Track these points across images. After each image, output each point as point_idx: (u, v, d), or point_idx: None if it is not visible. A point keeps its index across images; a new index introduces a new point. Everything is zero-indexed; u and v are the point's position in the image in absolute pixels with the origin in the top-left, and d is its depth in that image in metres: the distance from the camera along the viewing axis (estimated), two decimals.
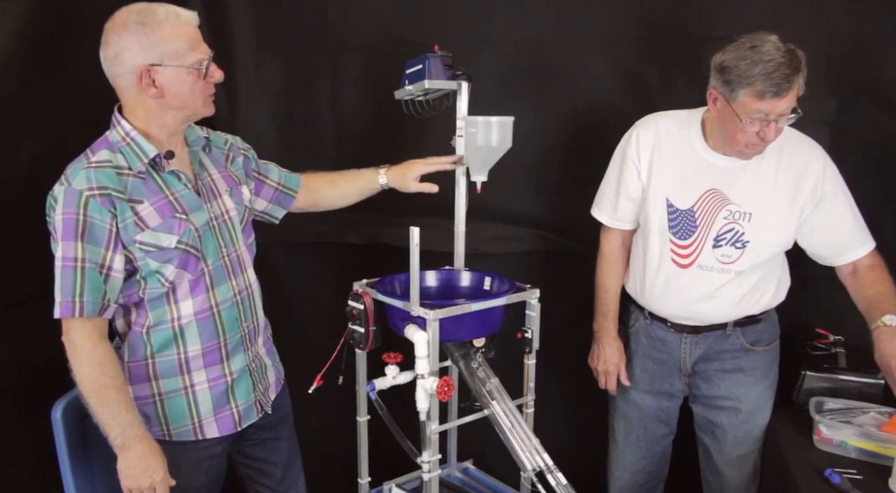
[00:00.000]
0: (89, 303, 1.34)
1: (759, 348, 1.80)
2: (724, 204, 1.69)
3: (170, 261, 1.42)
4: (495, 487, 2.04)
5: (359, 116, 2.29)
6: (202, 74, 1.41)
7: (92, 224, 1.34)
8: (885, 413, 1.72)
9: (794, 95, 1.52)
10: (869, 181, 1.95)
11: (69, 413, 1.48)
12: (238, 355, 1.56)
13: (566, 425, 2.31)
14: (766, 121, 1.53)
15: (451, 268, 1.92)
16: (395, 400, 1.78)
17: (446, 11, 2.15)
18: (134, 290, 1.42)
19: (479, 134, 1.71)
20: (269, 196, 1.77)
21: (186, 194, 1.48)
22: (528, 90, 2.15)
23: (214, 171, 1.59)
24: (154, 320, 1.45)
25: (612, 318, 1.92)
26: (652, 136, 1.75)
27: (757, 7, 1.95)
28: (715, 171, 1.70)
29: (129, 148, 1.41)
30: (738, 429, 1.82)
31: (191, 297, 1.47)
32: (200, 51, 1.41)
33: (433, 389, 1.56)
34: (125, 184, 1.38)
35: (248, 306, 1.59)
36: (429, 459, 1.61)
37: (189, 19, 1.41)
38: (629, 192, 1.81)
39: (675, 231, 1.75)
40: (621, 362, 1.91)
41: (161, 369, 1.47)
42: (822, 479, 1.56)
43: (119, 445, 1.37)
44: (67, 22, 1.71)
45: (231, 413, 1.56)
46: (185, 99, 1.42)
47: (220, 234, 1.53)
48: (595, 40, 2.09)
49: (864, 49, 1.91)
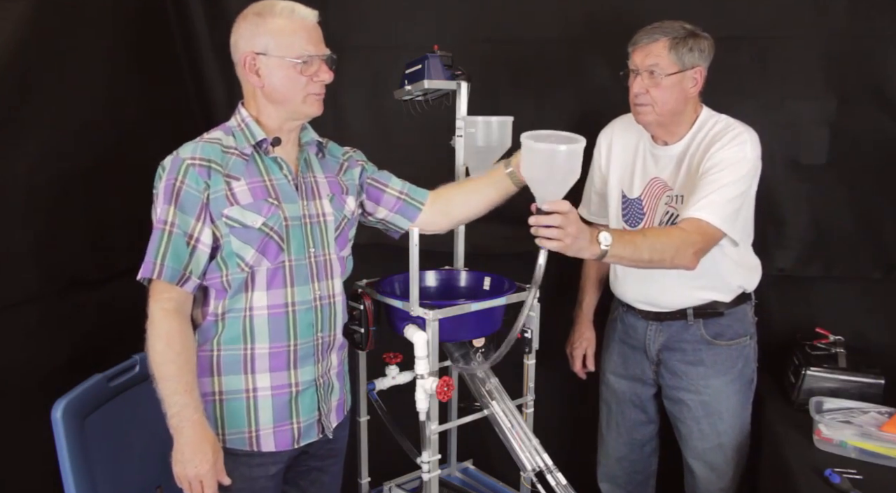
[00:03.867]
0: (169, 268, 1.34)
1: (720, 341, 1.82)
2: (664, 190, 1.79)
3: (251, 242, 1.41)
4: (495, 487, 2.04)
5: (359, 116, 2.29)
6: (303, 70, 1.41)
7: (187, 192, 1.36)
8: (885, 413, 1.72)
9: (654, 53, 1.67)
10: (869, 181, 1.95)
11: (69, 413, 1.48)
12: (307, 366, 1.49)
13: (566, 425, 2.32)
14: (633, 73, 1.71)
15: (451, 268, 1.92)
16: (395, 400, 1.78)
17: (446, 11, 2.16)
18: (217, 274, 1.41)
19: (478, 134, 1.71)
20: (390, 205, 1.68)
21: (283, 184, 1.47)
22: (528, 90, 2.15)
23: (321, 174, 1.56)
24: (229, 305, 1.43)
25: (584, 306, 2.06)
26: (609, 135, 1.92)
27: (757, 7, 1.95)
28: (657, 161, 1.81)
29: (241, 132, 1.45)
30: (700, 421, 1.84)
31: (267, 288, 1.43)
32: (309, 47, 1.41)
33: (433, 389, 1.56)
34: (227, 160, 1.41)
35: (327, 315, 1.52)
36: (429, 459, 1.61)
37: (305, 15, 1.42)
38: (596, 187, 1.97)
39: (626, 219, 1.86)
40: (588, 347, 2.05)
41: (225, 362, 1.44)
42: (822, 479, 1.56)
43: (174, 426, 1.33)
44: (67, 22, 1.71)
45: (291, 428, 1.49)
46: (284, 92, 1.43)
47: (310, 232, 1.50)
48: (595, 40, 2.09)
49: (864, 49, 1.92)
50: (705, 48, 1.68)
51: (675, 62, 1.66)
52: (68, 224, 1.69)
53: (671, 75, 1.67)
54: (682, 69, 1.67)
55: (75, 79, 1.74)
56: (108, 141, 1.82)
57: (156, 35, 2.09)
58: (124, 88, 1.92)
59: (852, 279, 2.03)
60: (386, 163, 1.85)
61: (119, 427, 1.63)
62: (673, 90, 1.68)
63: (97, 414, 1.55)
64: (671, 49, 1.66)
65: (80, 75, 1.76)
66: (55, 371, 1.63)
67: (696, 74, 1.69)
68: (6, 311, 1.57)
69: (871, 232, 1.98)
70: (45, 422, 1.47)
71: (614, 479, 2.06)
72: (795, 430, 1.77)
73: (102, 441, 1.48)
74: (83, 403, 1.51)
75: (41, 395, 1.50)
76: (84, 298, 1.74)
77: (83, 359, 1.67)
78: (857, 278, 2.03)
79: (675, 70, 1.67)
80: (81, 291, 1.73)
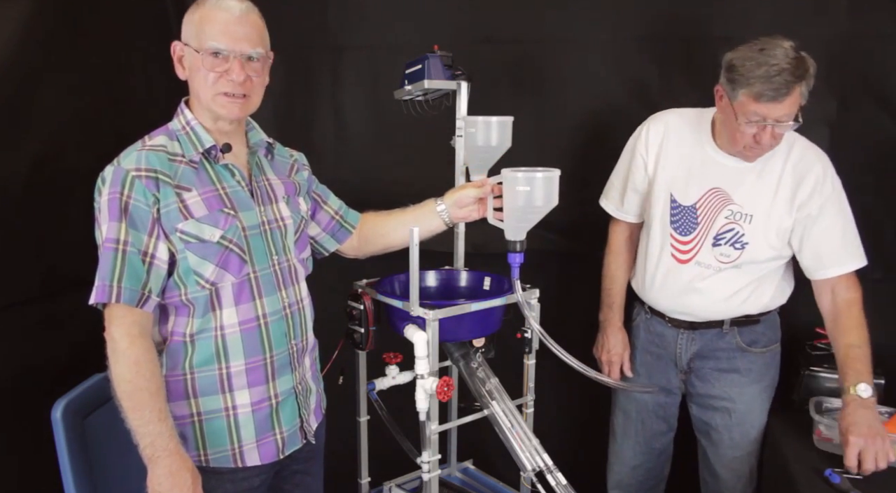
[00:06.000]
0: (128, 290, 1.26)
1: (755, 349, 1.80)
2: (726, 203, 1.71)
3: (209, 258, 1.33)
4: (495, 487, 2.04)
5: (359, 116, 2.29)
6: (212, 65, 1.31)
7: (135, 207, 1.27)
8: (885, 413, 1.72)
9: (794, 102, 1.53)
10: (869, 181, 1.95)
11: (69, 413, 1.48)
12: (285, 376, 1.44)
13: (566, 425, 2.31)
14: (762, 124, 1.55)
15: (451, 268, 1.92)
16: (395, 400, 1.78)
17: (446, 11, 2.16)
18: (175, 292, 1.33)
19: (478, 134, 1.70)
20: (323, 223, 1.64)
21: (238, 191, 1.40)
22: (529, 90, 2.15)
23: (274, 177, 1.50)
24: (197, 327, 1.35)
25: (616, 308, 1.95)
26: (661, 131, 1.79)
27: (758, 7, 1.95)
28: (720, 170, 1.71)
29: (186, 137, 1.36)
30: (732, 430, 1.82)
31: (236, 304, 1.36)
32: (224, 41, 1.31)
33: (433, 389, 1.56)
34: (175, 170, 1.32)
35: (298, 321, 1.47)
36: (429, 459, 1.61)
37: (230, 6, 1.32)
38: (636, 184, 1.84)
39: (676, 226, 1.77)
40: (625, 352, 1.94)
41: (201, 384, 1.36)
42: (822, 479, 1.56)
43: (148, 456, 1.26)
44: (67, 22, 1.71)
45: (275, 439, 1.44)
46: (195, 88, 1.35)
47: (271, 240, 1.43)
48: (596, 40, 2.09)
49: (864, 49, 1.92)
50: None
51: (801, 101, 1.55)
52: (68, 224, 1.69)
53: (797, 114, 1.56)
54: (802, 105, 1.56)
55: (76, 78, 1.74)
56: (108, 140, 1.82)
57: (156, 35, 2.09)
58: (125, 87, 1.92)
59: None
60: (386, 163, 1.85)
61: (119, 427, 1.61)
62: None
63: (97, 414, 1.55)
64: (804, 95, 1.54)
65: (81, 75, 1.76)
66: (55, 371, 1.63)
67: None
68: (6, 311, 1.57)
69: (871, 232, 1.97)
70: (45, 422, 1.47)
71: (627, 487, 2.03)
72: (795, 430, 1.77)
73: (102, 441, 1.48)
74: (83, 403, 1.51)
75: (41, 395, 1.50)
76: (84, 298, 1.73)
77: (83, 359, 1.66)
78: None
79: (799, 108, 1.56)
80: (82, 291, 1.73)
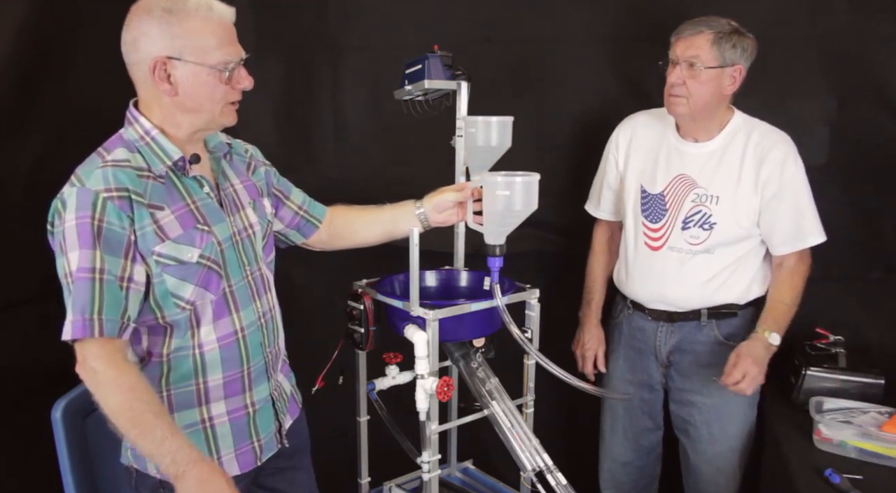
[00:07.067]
0: (109, 321, 1.16)
1: (734, 343, 1.81)
2: (691, 188, 1.78)
3: (188, 279, 1.26)
4: (495, 487, 2.04)
5: (359, 116, 2.29)
6: (225, 78, 1.26)
7: (109, 230, 1.18)
8: (885, 413, 1.72)
9: (701, 45, 1.65)
10: (869, 181, 1.95)
11: (69, 413, 1.48)
12: (261, 384, 1.41)
13: (566, 425, 2.31)
14: (674, 64, 1.69)
15: (451, 268, 1.92)
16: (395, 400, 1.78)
17: (446, 11, 2.15)
18: (150, 317, 1.27)
19: (478, 134, 1.70)
20: (287, 219, 1.59)
21: (209, 204, 1.33)
22: (528, 90, 2.15)
23: (237, 181, 1.44)
24: (175, 346, 1.30)
25: (594, 306, 2.02)
26: (629, 130, 1.90)
27: (758, 7, 1.95)
28: (684, 157, 1.80)
29: (148, 148, 1.26)
30: (711, 425, 1.84)
31: (214, 320, 1.31)
32: (229, 51, 1.26)
33: (433, 389, 1.56)
34: (145, 187, 1.23)
35: (271, 329, 1.44)
36: (429, 459, 1.61)
37: (223, 14, 1.25)
38: (609, 182, 1.95)
39: (647, 214, 1.85)
40: (599, 348, 2.00)
41: (178, 400, 1.32)
42: (822, 479, 1.56)
43: (173, 474, 1.17)
44: (67, 22, 1.72)
45: (252, 447, 1.41)
46: (200, 102, 1.26)
47: (243, 250, 1.38)
48: (596, 41, 2.09)
49: (864, 49, 1.92)
50: (748, 48, 1.67)
51: (717, 57, 1.65)
52: None
53: (710, 69, 1.65)
54: (722, 65, 1.66)
55: (76, 78, 1.74)
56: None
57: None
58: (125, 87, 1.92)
59: (852, 279, 2.04)
60: (386, 163, 1.85)
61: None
62: (709, 85, 1.67)
63: (97, 414, 1.54)
64: (714, 43, 1.65)
65: (81, 74, 1.76)
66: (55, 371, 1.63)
67: (735, 73, 1.68)
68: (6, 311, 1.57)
69: (871, 232, 1.98)
70: (45, 422, 1.47)
71: (619, 485, 2.05)
72: (795, 430, 1.77)
73: (102, 441, 1.48)
74: (83, 403, 1.51)
75: (41, 395, 1.50)
76: None
77: None
78: (857, 278, 2.03)
79: (715, 65, 1.65)
80: None
